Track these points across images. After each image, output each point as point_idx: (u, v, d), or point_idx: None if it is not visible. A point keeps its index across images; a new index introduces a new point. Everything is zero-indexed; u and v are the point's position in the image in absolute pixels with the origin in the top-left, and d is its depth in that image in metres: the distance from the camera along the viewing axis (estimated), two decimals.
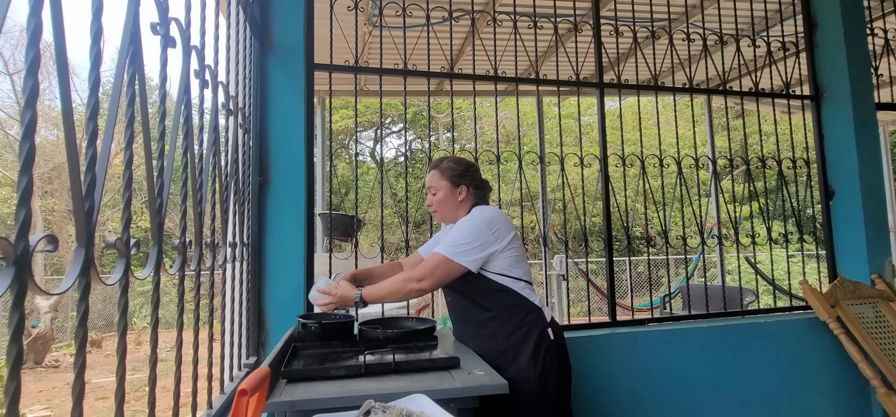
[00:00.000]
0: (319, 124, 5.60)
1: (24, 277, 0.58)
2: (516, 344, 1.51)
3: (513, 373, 1.45)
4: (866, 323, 2.40)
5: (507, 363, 1.48)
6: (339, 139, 14.08)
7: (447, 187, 1.69)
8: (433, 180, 1.71)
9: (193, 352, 1.12)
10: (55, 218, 10.60)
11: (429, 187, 1.73)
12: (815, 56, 2.85)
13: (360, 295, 1.53)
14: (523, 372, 1.47)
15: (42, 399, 5.85)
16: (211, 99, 1.29)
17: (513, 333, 1.52)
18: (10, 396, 0.59)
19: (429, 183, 1.73)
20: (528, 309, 1.55)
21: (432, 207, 1.73)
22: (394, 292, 1.53)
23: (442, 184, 1.69)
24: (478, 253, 1.52)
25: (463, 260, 1.51)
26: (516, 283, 1.56)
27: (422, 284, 1.51)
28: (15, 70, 10.51)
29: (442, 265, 1.51)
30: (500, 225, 1.56)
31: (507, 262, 1.56)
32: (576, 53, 2.50)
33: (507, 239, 1.56)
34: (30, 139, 0.59)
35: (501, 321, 1.54)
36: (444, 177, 1.70)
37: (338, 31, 2.18)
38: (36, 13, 0.60)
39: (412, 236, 2.42)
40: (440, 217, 1.73)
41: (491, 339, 1.54)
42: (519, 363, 1.48)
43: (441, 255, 1.52)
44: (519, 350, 1.50)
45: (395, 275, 1.60)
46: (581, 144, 2.56)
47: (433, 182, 1.71)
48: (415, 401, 0.94)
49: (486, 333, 1.55)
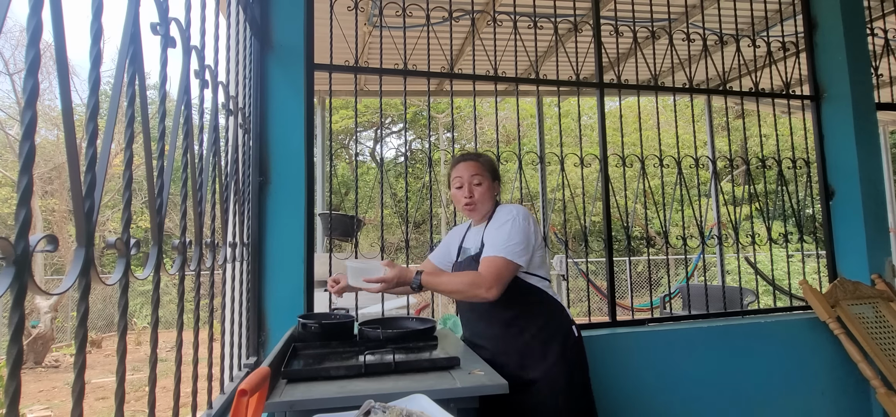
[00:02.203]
0: (319, 124, 5.60)
1: (24, 277, 0.58)
2: (545, 342, 1.53)
3: (541, 372, 1.48)
4: (866, 323, 2.40)
5: (534, 361, 1.50)
6: (339, 139, 14.08)
7: (489, 181, 1.66)
8: (476, 170, 1.65)
9: (193, 352, 1.12)
10: (55, 218, 10.60)
11: (470, 177, 1.64)
12: (815, 56, 2.84)
13: (419, 282, 1.48)
14: (552, 370, 1.49)
15: (42, 399, 5.85)
16: (211, 99, 1.29)
17: (541, 331, 1.54)
18: (10, 396, 0.59)
19: (469, 172, 1.64)
20: (554, 308, 1.58)
21: (472, 198, 1.64)
22: (457, 291, 1.49)
23: (486, 177, 1.66)
24: (528, 252, 1.53)
25: (520, 260, 1.50)
26: (542, 282, 1.59)
27: (490, 292, 1.45)
28: (15, 70, 10.51)
29: (505, 268, 1.47)
30: (536, 224, 1.60)
31: (537, 262, 1.59)
32: (576, 53, 2.50)
33: (540, 238, 1.61)
34: (30, 139, 0.59)
35: (529, 319, 1.55)
36: (487, 170, 1.67)
37: (338, 31, 2.18)
38: (36, 13, 0.60)
39: (412, 236, 2.43)
40: (477, 211, 1.66)
41: (518, 338, 1.54)
42: (547, 361, 1.50)
43: (502, 258, 1.47)
44: (547, 349, 1.52)
45: (462, 275, 1.53)
46: (581, 144, 2.55)
47: (476, 171, 1.65)
48: (415, 401, 0.94)
49: (515, 331, 1.55)
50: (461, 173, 1.66)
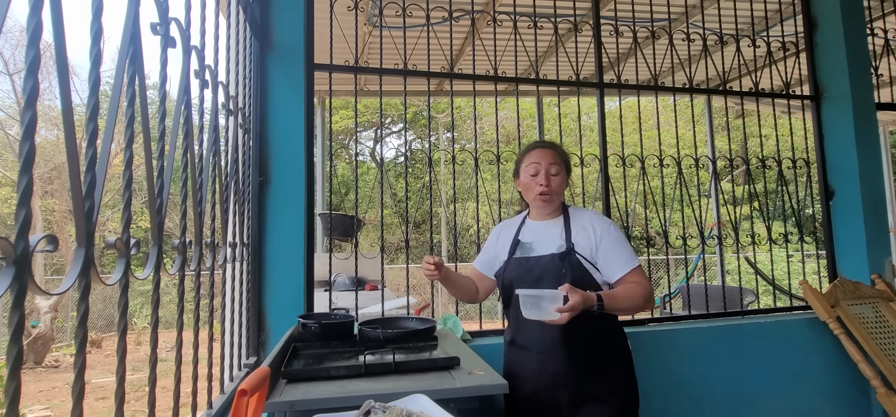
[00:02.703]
0: (319, 124, 5.60)
1: (24, 277, 0.58)
2: (621, 342, 1.56)
3: (620, 373, 1.51)
4: (866, 323, 2.40)
5: (614, 363, 1.51)
6: (339, 139, 14.08)
7: (564, 174, 1.59)
8: (554, 159, 1.57)
9: (193, 352, 1.12)
10: (55, 218, 10.60)
11: (548, 165, 1.55)
12: (815, 56, 2.84)
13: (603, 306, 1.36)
14: (629, 371, 1.54)
15: (42, 399, 5.85)
16: (211, 99, 1.29)
17: (618, 332, 1.57)
18: (10, 396, 0.59)
19: (547, 160, 1.56)
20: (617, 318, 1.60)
21: (549, 187, 1.54)
22: (632, 307, 1.45)
23: (562, 169, 1.58)
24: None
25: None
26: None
27: (650, 301, 1.48)
28: (15, 70, 10.51)
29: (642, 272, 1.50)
30: None
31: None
32: (576, 53, 2.50)
33: None
34: (30, 139, 0.59)
35: (611, 320, 1.55)
36: (563, 162, 1.60)
37: (338, 31, 2.18)
38: (36, 13, 0.60)
39: (412, 236, 2.43)
40: (552, 202, 1.58)
41: (603, 339, 1.52)
42: (626, 360, 1.55)
43: (638, 264, 1.49)
44: (624, 349, 1.56)
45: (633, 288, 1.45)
46: (581, 144, 2.55)
47: (554, 160, 1.57)
48: (415, 401, 0.94)
49: (603, 331, 1.52)
50: (538, 160, 1.57)
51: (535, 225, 1.62)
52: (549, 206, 1.58)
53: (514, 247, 1.60)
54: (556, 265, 1.50)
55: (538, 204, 1.58)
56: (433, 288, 2.30)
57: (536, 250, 1.56)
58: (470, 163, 2.45)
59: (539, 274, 1.51)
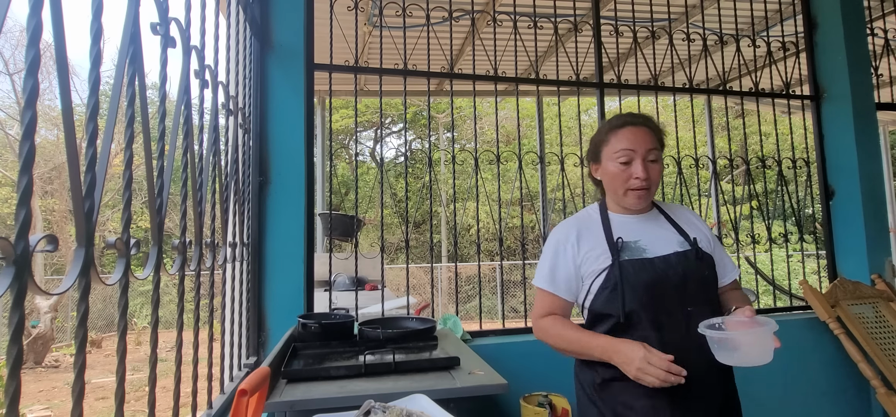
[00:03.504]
0: (319, 124, 5.60)
1: (24, 277, 0.58)
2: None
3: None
4: (866, 323, 2.40)
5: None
6: (339, 139, 14.09)
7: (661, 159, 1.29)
8: (653, 143, 1.25)
9: (193, 352, 1.12)
10: (55, 218, 10.60)
11: (646, 152, 1.23)
12: (815, 56, 2.84)
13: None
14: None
15: (42, 399, 5.85)
16: (211, 99, 1.29)
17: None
18: (10, 396, 0.59)
19: (645, 145, 1.23)
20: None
21: (650, 180, 1.23)
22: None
23: (660, 153, 1.27)
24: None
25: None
26: None
27: None
28: (15, 70, 10.51)
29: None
30: None
31: None
32: (576, 53, 2.50)
33: None
34: (30, 139, 0.59)
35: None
36: (660, 144, 1.28)
37: (338, 31, 2.18)
38: (36, 13, 0.60)
39: (412, 236, 2.42)
40: (648, 198, 1.27)
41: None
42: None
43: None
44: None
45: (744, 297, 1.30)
46: (581, 144, 2.55)
47: (653, 144, 1.25)
48: (415, 401, 0.94)
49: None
50: (633, 144, 1.23)
51: (627, 220, 1.30)
52: (645, 202, 1.27)
53: (617, 248, 1.23)
54: (694, 266, 1.22)
55: (632, 200, 1.26)
56: (433, 288, 2.30)
57: (651, 250, 1.24)
58: (470, 163, 2.45)
59: (678, 281, 1.19)
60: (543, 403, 1.90)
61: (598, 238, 1.28)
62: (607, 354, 1.18)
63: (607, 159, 1.28)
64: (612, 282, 1.21)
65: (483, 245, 12.26)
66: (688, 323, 1.17)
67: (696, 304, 1.20)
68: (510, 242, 12.06)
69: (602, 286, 1.24)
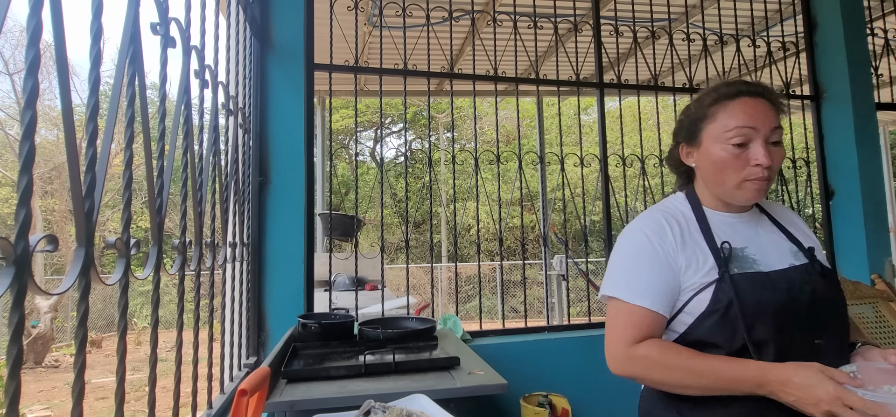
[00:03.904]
0: (319, 124, 5.60)
1: (24, 277, 0.58)
2: None
3: None
4: (866, 323, 2.40)
5: None
6: (339, 139, 14.09)
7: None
8: (776, 121, 0.98)
9: (193, 352, 1.12)
10: (55, 218, 10.60)
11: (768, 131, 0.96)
12: (814, 56, 2.85)
13: None
14: None
15: (42, 399, 5.85)
16: (211, 99, 1.30)
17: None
18: (10, 396, 0.59)
19: (769, 123, 0.96)
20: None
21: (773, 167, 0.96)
22: None
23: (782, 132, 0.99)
24: None
25: None
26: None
27: None
28: (15, 70, 10.51)
29: None
30: None
31: None
32: (576, 53, 2.50)
33: None
34: (30, 139, 0.59)
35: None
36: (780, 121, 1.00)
37: (338, 31, 2.18)
38: (36, 13, 0.60)
39: (412, 236, 2.41)
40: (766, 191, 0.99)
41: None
42: None
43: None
44: None
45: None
46: (581, 144, 2.56)
47: (777, 122, 0.98)
48: (415, 401, 0.93)
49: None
50: (753, 121, 0.95)
51: (730, 221, 1.04)
52: (761, 195, 0.99)
53: (725, 257, 0.97)
54: (821, 285, 0.97)
55: (750, 193, 0.98)
56: (433, 288, 2.31)
57: (763, 261, 0.98)
58: (470, 162, 2.45)
59: (806, 304, 0.94)
60: (543, 403, 1.90)
61: (697, 241, 1.00)
62: (769, 386, 0.86)
63: (713, 140, 0.99)
64: (723, 303, 0.93)
65: (483, 245, 12.26)
66: (817, 360, 0.87)
67: (825, 335, 0.94)
68: (510, 242, 12.07)
69: (709, 308, 0.95)
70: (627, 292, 0.99)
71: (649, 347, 0.96)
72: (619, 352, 0.99)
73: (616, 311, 1.01)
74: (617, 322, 1.00)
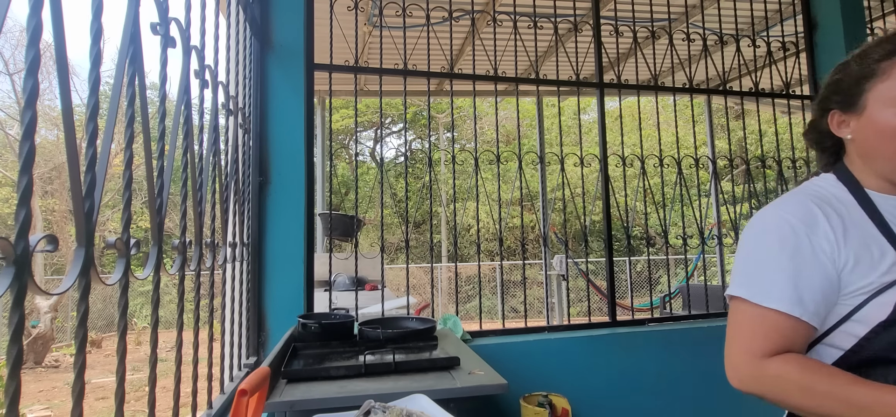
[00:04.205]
0: (319, 124, 5.60)
1: (24, 277, 0.58)
2: None
3: None
4: None
5: None
6: (339, 139, 14.09)
7: None
8: None
9: (193, 352, 1.12)
10: (55, 218, 10.60)
11: None
12: (815, 56, 2.85)
13: None
14: None
15: (42, 399, 5.85)
16: (211, 99, 1.29)
17: None
18: (10, 396, 0.59)
19: None
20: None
21: None
22: None
23: None
24: None
25: None
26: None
27: None
28: (15, 70, 10.51)
29: None
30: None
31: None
32: (576, 53, 2.50)
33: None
34: (30, 139, 0.59)
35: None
36: None
37: (338, 31, 2.18)
38: (36, 13, 0.60)
39: (412, 236, 2.41)
40: None
41: None
42: None
43: None
44: None
45: None
46: (581, 144, 2.56)
47: None
48: (415, 401, 0.93)
49: None
50: None
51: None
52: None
53: None
54: None
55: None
56: (433, 288, 2.31)
57: None
58: (470, 162, 2.45)
59: None
60: (543, 403, 1.90)
61: (866, 231, 0.80)
62: None
63: (884, 104, 0.79)
64: None
65: (483, 245, 12.27)
66: None
67: None
68: (510, 242, 12.07)
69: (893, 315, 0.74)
70: (759, 292, 0.79)
71: (786, 364, 0.76)
72: (743, 366, 0.80)
73: (741, 315, 0.82)
74: (742, 328, 0.81)
